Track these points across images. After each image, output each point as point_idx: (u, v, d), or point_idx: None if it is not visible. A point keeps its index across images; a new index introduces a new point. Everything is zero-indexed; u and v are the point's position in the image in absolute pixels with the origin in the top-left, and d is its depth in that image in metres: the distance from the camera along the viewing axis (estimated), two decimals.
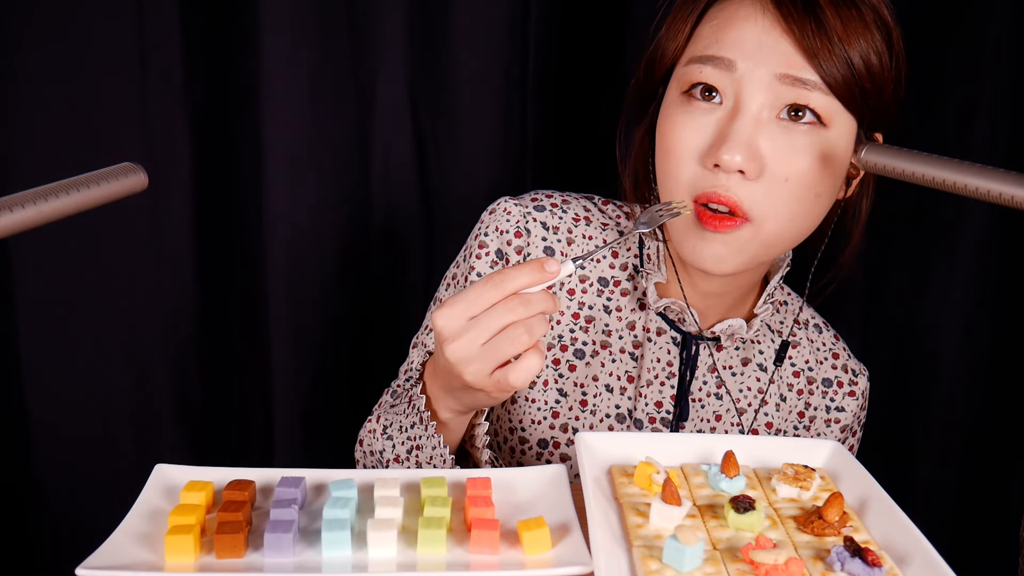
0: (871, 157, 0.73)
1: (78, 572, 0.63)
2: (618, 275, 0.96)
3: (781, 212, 0.82)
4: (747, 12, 0.80)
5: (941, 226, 1.38)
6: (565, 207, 0.97)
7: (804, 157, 0.80)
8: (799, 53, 0.78)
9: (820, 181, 0.82)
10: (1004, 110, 1.31)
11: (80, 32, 1.27)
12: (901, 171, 0.71)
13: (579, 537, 0.68)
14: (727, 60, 0.80)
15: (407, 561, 0.67)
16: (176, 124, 1.31)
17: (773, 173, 0.80)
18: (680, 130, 0.82)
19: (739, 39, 0.80)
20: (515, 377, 0.73)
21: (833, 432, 1.00)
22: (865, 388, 1.02)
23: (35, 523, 1.42)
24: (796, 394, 0.99)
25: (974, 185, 0.67)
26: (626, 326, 0.95)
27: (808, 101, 0.79)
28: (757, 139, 0.80)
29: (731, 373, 0.97)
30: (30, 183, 0.65)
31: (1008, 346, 1.41)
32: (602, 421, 0.94)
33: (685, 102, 0.83)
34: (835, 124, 0.81)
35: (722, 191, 0.80)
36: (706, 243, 0.83)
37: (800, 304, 1.03)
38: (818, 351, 1.02)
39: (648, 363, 0.94)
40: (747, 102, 0.79)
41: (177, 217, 1.36)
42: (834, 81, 0.79)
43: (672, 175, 0.84)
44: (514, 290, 0.72)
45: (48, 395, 1.39)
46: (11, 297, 1.35)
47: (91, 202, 0.67)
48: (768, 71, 0.79)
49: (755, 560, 0.61)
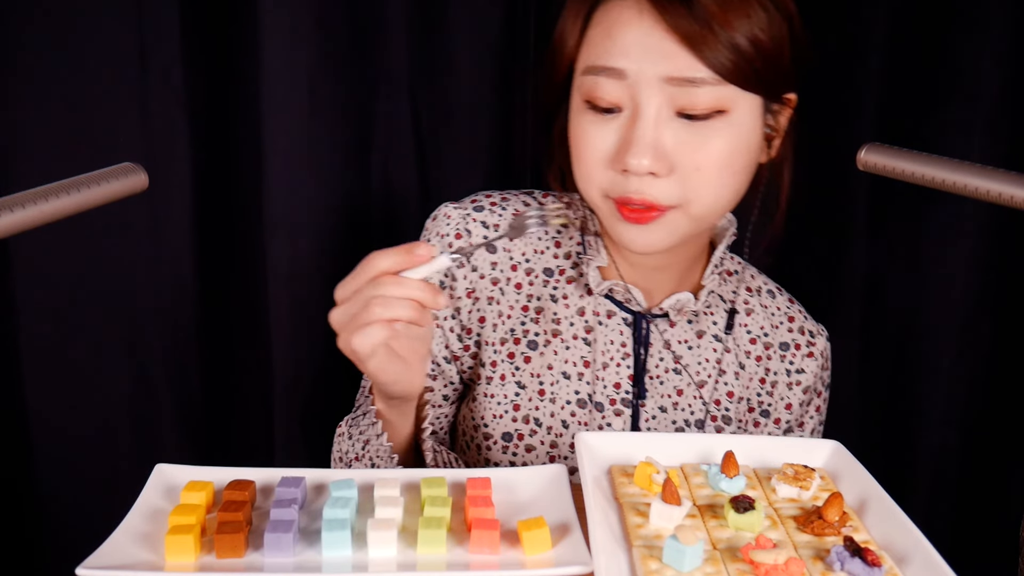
0: (871, 157, 0.73)
1: (78, 572, 0.62)
2: (562, 264, 0.98)
3: (701, 195, 0.83)
4: (628, 15, 0.80)
5: (941, 226, 1.38)
6: (504, 204, 0.99)
7: (711, 146, 0.81)
8: (684, 49, 0.78)
9: (734, 160, 0.83)
10: (1004, 111, 1.31)
11: (80, 32, 1.27)
12: (901, 171, 0.72)
13: (579, 537, 0.68)
14: (617, 70, 0.81)
15: (407, 561, 0.67)
16: (176, 124, 1.31)
17: (683, 166, 0.82)
18: (587, 138, 0.84)
19: (625, 46, 0.80)
20: (356, 341, 0.75)
21: (795, 394, 1.00)
22: (824, 348, 1.02)
23: (35, 523, 1.42)
24: (755, 361, 1.00)
25: (974, 185, 0.68)
26: (576, 312, 0.96)
27: (698, 102, 0.79)
28: (661, 139, 0.81)
29: (687, 347, 0.97)
30: (30, 183, 0.65)
31: (1008, 346, 1.41)
32: (563, 408, 0.95)
33: (588, 111, 0.84)
34: (736, 107, 0.82)
35: (635, 195, 0.82)
36: (631, 229, 0.85)
37: (752, 272, 1.04)
38: (773, 316, 1.02)
39: (601, 346, 0.96)
40: (644, 106, 0.80)
41: (177, 217, 1.36)
42: (724, 70, 0.79)
43: (585, 180, 0.86)
44: (382, 269, 0.75)
45: (48, 395, 1.39)
46: (11, 297, 1.35)
47: (91, 202, 0.68)
48: (656, 75, 0.79)
49: (755, 560, 0.62)
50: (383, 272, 0.75)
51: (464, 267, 0.97)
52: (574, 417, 0.95)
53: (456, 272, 0.97)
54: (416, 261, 0.75)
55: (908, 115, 1.33)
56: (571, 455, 0.95)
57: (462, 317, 0.98)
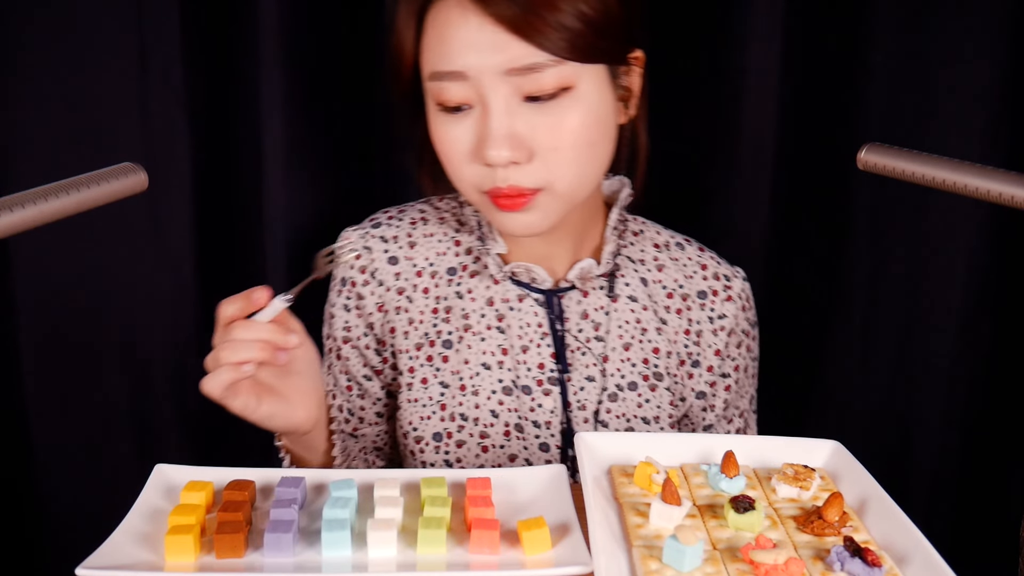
0: (871, 157, 0.73)
1: (78, 572, 0.63)
2: (464, 260, 1.00)
3: (566, 173, 0.85)
4: (455, 16, 0.81)
5: (940, 226, 1.38)
6: (401, 215, 1.02)
7: (564, 124, 0.83)
8: (516, 38, 0.79)
9: (589, 133, 0.85)
10: (1004, 111, 1.31)
11: (80, 32, 1.27)
12: (901, 171, 0.72)
13: (579, 537, 0.68)
14: (456, 72, 0.82)
15: (407, 561, 0.67)
16: (176, 124, 1.31)
17: (543, 149, 0.83)
18: (446, 138, 0.86)
19: (460, 47, 0.81)
20: (204, 385, 0.80)
21: (721, 339, 1.01)
22: (741, 288, 1.02)
23: (35, 523, 1.42)
24: (676, 314, 1.00)
25: (974, 185, 0.68)
26: (485, 303, 0.98)
27: (543, 85, 0.81)
28: (514, 127, 0.82)
29: (604, 313, 0.98)
30: (30, 183, 0.65)
31: (1008, 346, 1.41)
32: (489, 398, 0.96)
33: (442, 112, 0.86)
34: (581, 81, 0.83)
35: (503, 184, 0.84)
36: (509, 217, 0.87)
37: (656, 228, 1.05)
38: (685, 267, 1.02)
39: (516, 331, 0.97)
40: (491, 100, 0.82)
41: (177, 217, 1.36)
42: (560, 50, 0.80)
43: (456, 178, 0.88)
44: (229, 316, 0.81)
45: (48, 395, 1.39)
46: (11, 297, 1.35)
47: (91, 202, 0.68)
48: (495, 69, 0.80)
49: (755, 560, 0.62)
50: (232, 318, 0.81)
51: (370, 284, 0.99)
52: (502, 405, 0.96)
53: (363, 290, 1.00)
54: (256, 304, 0.81)
55: (908, 115, 1.33)
56: (507, 443, 0.96)
57: (376, 332, 1.01)
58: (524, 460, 0.96)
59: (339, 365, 1.04)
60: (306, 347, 0.88)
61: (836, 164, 1.37)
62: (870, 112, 1.34)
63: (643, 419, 0.97)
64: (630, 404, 0.97)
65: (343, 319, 1.01)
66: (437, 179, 0.97)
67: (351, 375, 1.03)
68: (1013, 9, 1.27)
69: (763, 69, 1.32)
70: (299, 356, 0.87)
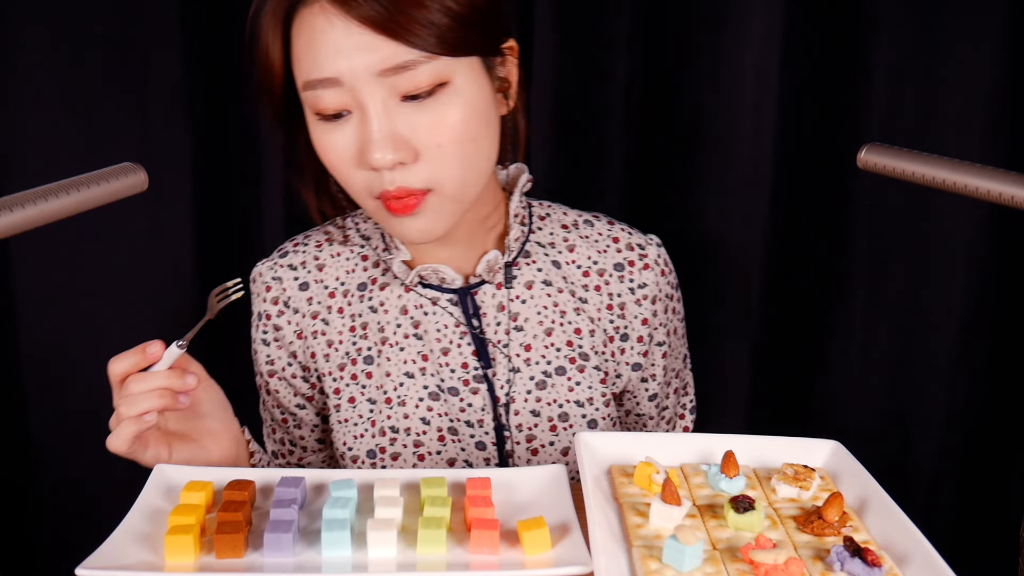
0: (871, 157, 0.73)
1: (78, 572, 0.63)
2: (372, 273, 0.99)
3: (452, 171, 0.84)
4: (320, 22, 0.80)
5: (940, 226, 1.38)
6: (306, 241, 1.02)
7: (445, 120, 0.82)
8: (384, 39, 0.78)
9: (470, 127, 0.83)
10: (1004, 110, 1.31)
11: (80, 32, 1.27)
12: (901, 171, 0.71)
13: (579, 537, 0.68)
14: (330, 79, 0.81)
15: (407, 561, 0.67)
16: (176, 124, 1.31)
17: (426, 147, 0.82)
18: (329, 147, 0.84)
19: (329, 53, 0.80)
20: (109, 443, 0.82)
21: (646, 308, 0.99)
22: (657, 254, 1.00)
23: (35, 523, 1.42)
24: (595, 291, 0.99)
25: (974, 185, 0.68)
26: (399, 313, 0.97)
27: (418, 83, 0.80)
28: (395, 128, 0.81)
29: (521, 302, 0.97)
30: (30, 183, 0.65)
31: (1007, 346, 1.41)
32: (418, 407, 0.96)
33: (321, 121, 0.84)
34: (456, 75, 0.82)
35: (391, 187, 0.82)
36: (403, 223, 0.86)
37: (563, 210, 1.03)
38: (597, 243, 1.00)
39: (434, 335, 0.96)
40: (369, 104, 0.80)
41: (177, 217, 1.36)
42: (430, 46, 0.79)
43: (346, 186, 0.87)
44: (121, 374, 0.81)
45: (48, 395, 1.39)
46: (11, 296, 1.35)
47: (91, 202, 0.68)
48: (369, 72, 0.79)
49: (755, 560, 0.62)
50: (125, 374, 0.81)
51: (284, 313, 0.99)
52: (432, 411, 0.95)
53: (279, 321, 0.99)
54: (152, 359, 0.82)
55: (908, 115, 1.33)
56: (443, 448, 0.96)
57: (300, 360, 1.00)
58: (463, 462, 0.95)
59: (271, 400, 1.04)
60: (208, 387, 0.88)
61: (836, 164, 1.37)
62: (870, 112, 1.34)
63: (576, 402, 0.96)
64: (561, 389, 0.96)
65: (265, 354, 1.01)
66: (320, 195, 0.96)
67: (284, 407, 1.04)
68: (1013, 9, 1.27)
69: (763, 69, 1.32)
70: (203, 398, 0.87)
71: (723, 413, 1.47)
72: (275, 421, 1.06)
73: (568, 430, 0.96)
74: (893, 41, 1.31)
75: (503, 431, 0.96)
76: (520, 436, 0.95)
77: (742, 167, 1.36)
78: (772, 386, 1.46)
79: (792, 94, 1.33)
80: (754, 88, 1.33)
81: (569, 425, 0.96)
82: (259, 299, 1.00)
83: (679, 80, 1.36)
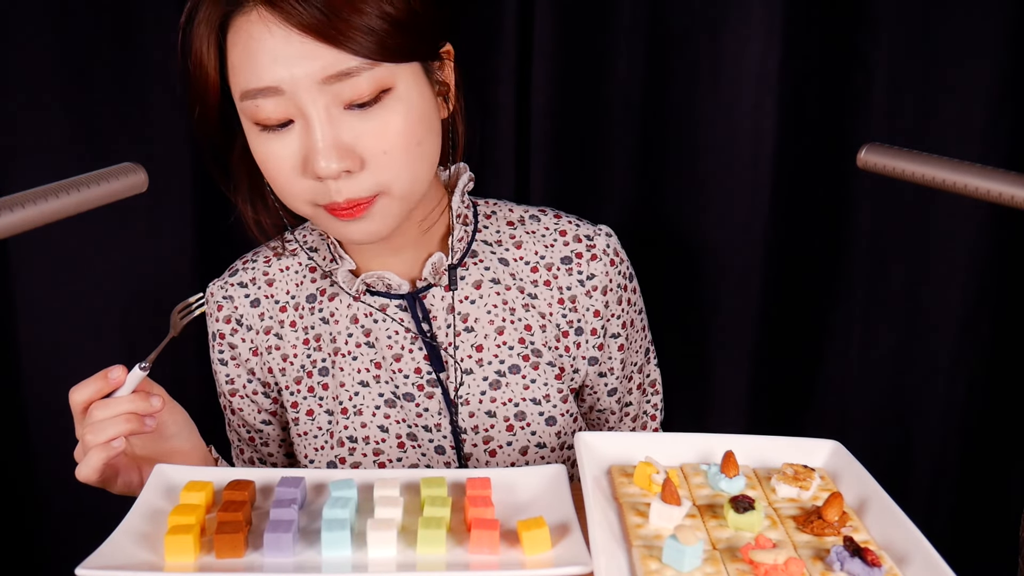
0: (871, 157, 0.73)
1: (78, 572, 0.63)
2: (321, 284, 0.99)
3: (399, 176, 0.83)
4: (258, 30, 0.79)
5: (940, 226, 1.38)
6: (255, 256, 1.02)
7: (389, 127, 0.81)
8: (324, 46, 0.77)
9: (415, 132, 0.83)
10: (1004, 110, 1.31)
11: (80, 32, 1.27)
12: (901, 171, 0.71)
13: (579, 537, 0.68)
14: (271, 88, 0.79)
15: (407, 561, 0.67)
16: (176, 124, 1.31)
17: (372, 155, 0.81)
18: (271, 158, 0.83)
19: (268, 62, 0.79)
20: (79, 473, 0.82)
21: (598, 300, 0.98)
22: (606, 244, 0.99)
23: (35, 523, 1.42)
24: (544, 287, 0.98)
25: (974, 185, 0.68)
26: (349, 322, 0.97)
27: (360, 91, 0.79)
28: (340, 137, 0.80)
29: (470, 302, 0.96)
30: (30, 183, 0.65)
31: (1008, 346, 1.41)
32: (374, 415, 0.95)
33: (262, 132, 0.83)
34: (398, 81, 0.81)
35: (338, 196, 0.81)
36: (348, 226, 0.84)
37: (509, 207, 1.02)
38: (544, 237, 0.99)
39: (385, 342, 0.96)
40: (312, 112, 0.79)
41: (177, 217, 1.36)
42: (370, 52, 0.78)
43: (288, 196, 0.85)
44: (83, 403, 0.81)
45: (48, 395, 1.38)
46: (11, 297, 1.35)
47: (91, 202, 0.67)
48: (310, 79, 0.78)
49: (755, 560, 0.62)
50: (88, 402, 0.81)
51: (238, 331, 0.99)
52: (389, 419, 0.95)
53: (233, 340, 0.99)
54: (114, 384, 0.82)
55: (908, 115, 1.33)
56: (403, 455, 0.95)
57: (258, 376, 1.01)
58: (424, 468, 0.95)
59: (236, 419, 1.04)
60: (172, 408, 0.88)
61: (836, 164, 1.37)
62: (870, 112, 1.34)
63: (532, 400, 0.95)
64: (515, 388, 0.95)
65: (224, 373, 1.02)
66: (256, 206, 0.94)
67: (249, 425, 1.04)
68: (1013, 9, 1.27)
69: (763, 69, 1.32)
70: (168, 419, 0.87)
71: (723, 413, 1.47)
72: (242, 441, 1.06)
73: (525, 428, 0.95)
74: (893, 41, 1.31)
75: (460, 434, 0.95)
76: (476, 438, 0.95)
77: (742, 167, 1.36)
78: (772, 386, 1.46)
79: (792, 94, 1.33)
80: (754, 88, 1.33)
81: (527, 423, 0.95)
82: (212, 319, 1.01)
83: (679, 80, 1.36)
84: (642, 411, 1.07)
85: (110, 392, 0.82)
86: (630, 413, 1.06)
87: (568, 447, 0.98)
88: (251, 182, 0.93)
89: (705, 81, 1.35)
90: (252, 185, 0.93)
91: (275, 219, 0.95)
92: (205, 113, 0.86)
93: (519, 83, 1.36)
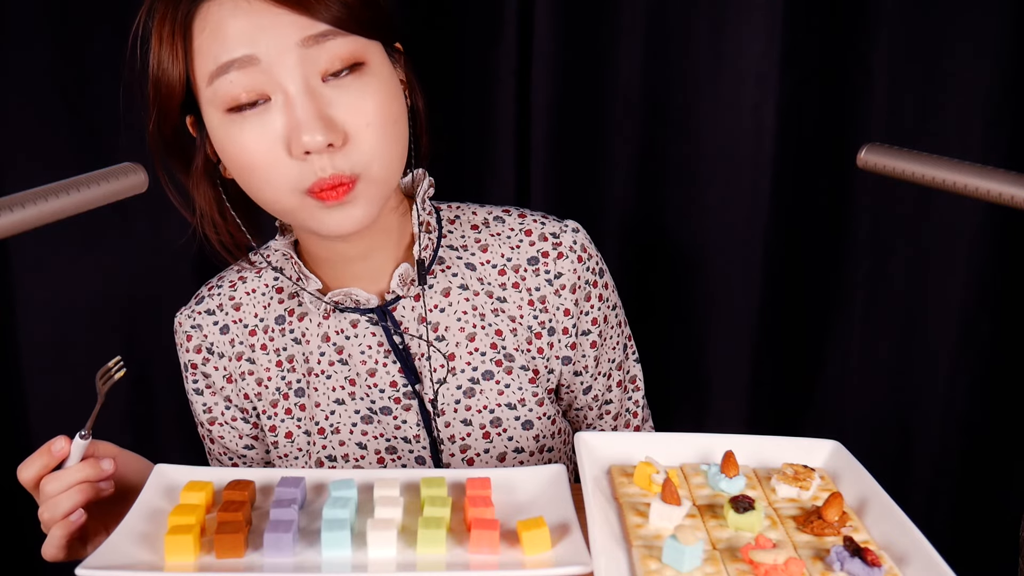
0: (871, 157, 0.73)
1: (78, 572, 0.63)
2: (289, 305, 0.98)
3: (379, 153, 0.82)
4: (229, 9, 0.78)
5: (940, 226, 1.38)
6: (220, 282, 1.01)
7: (369, 100, 0.81)
8: (296, 13, 0.77)
9: (392, 108, 0.83)
10: (1004, 111, 1.31)
11: (80, 31, 1.27)
12: (901, 171, 0.71)
13: (579, 537, 0.68)
14: (245, 57, 0.78)
15: (407, 561, 0.67)
16: None
17: (355, 128, 0.80)
18: (251, 144, 0.81)
19: (242, 31, 0.78)
20: (44, 553, 0.81)
21: (567, 298, 0.96)
22: (572, 240, 0.97)
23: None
24: (513, 289, 0.97)
25: (974, 185, 0.68)
26: (321, 341, 0.96)
27: (337, 55, 0.79)
28: (324, 110, 0.79)
29: (440, 310, 0.95)
30: (30, 183, 0.65)
31: (1008, 346, 1.41)
32: (352, 432, 0.95)
33: (236, 116, 0.80)
34: (370, 56, 0.82)
35: (324, 173, 0.80)
36: (333, 214, 0.83)
37: (472, 209, 1.01)
38: (509, 239, 0.98)
39: (358, 358, 0.95)
40: (290, 84, 0.78)
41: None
42: (340, 21, 0.79)
43: (270, 187, 0.82)
44: (31, 480, 0.80)
45: (48, 395, 1.39)
46: (11, 297, 1.35)
47: (91, 202, 0.67)
48: (286, 45, 0.78)
49: (755, 560, 0.62)
50: (36, 480, 0.80)
51: (210, 360, 0.98)
52: (367, 435, 0.95)
53: (206, 369, 0.98)
54: (59, 456, 0.80)
55: (908, 115, 1.33)
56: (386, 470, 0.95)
57: (235, 403, 1.00)
58: None
59: (217, 447, 1.03)
60: (127, 461, 0.86)
61: (836, 164, 1.37)
62: (870, 112, 1.34)
63: (508, 405, 0.95)
64: (490, 394, 0.95)
65: (200, 403, 1.00)
66: (217, 227, 0.92)
67: (231, 451, 1.03)
68: (1013, 9, 1.27)
69: (763, 69, 1.32)
70: (125, 472, 0.85)
71: (723, 413, 1.47)
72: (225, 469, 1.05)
73: (503, 435, 0.94)
74: (893, 41, 1.31)
75: (436, 445, 0.95)
76: (454, 447, 0.95)
77: (742, 167, 1.36)
78: (772, 386, 1.46)
79: (792, 94, 1.33)
80: (754, 88, 1.33)
81: (503, 429, 0.94)
82: (183, 350, 0.99)
83: (679, 80, 1.36)
84: (624, 408, 1.06)
85: (59, 463, 0.80)
86: (611, 411, 1.04)
87: (548, 450, 0.97)
88: (215, 198, 0.90)
89: (705, 81, 1.35)
90: (215, 202, 0.91)
91: (239, 237, 0.93)
92: (166, 121, 0.85)
93: (519, 83, 1.36)
